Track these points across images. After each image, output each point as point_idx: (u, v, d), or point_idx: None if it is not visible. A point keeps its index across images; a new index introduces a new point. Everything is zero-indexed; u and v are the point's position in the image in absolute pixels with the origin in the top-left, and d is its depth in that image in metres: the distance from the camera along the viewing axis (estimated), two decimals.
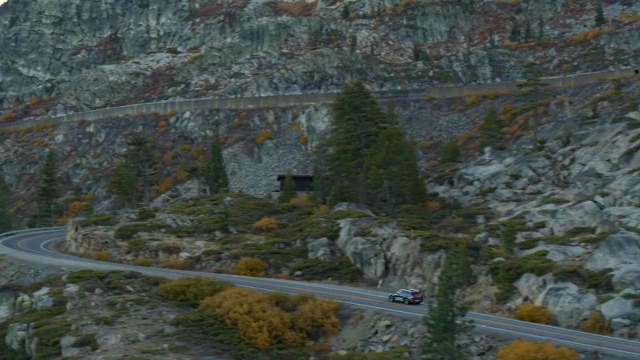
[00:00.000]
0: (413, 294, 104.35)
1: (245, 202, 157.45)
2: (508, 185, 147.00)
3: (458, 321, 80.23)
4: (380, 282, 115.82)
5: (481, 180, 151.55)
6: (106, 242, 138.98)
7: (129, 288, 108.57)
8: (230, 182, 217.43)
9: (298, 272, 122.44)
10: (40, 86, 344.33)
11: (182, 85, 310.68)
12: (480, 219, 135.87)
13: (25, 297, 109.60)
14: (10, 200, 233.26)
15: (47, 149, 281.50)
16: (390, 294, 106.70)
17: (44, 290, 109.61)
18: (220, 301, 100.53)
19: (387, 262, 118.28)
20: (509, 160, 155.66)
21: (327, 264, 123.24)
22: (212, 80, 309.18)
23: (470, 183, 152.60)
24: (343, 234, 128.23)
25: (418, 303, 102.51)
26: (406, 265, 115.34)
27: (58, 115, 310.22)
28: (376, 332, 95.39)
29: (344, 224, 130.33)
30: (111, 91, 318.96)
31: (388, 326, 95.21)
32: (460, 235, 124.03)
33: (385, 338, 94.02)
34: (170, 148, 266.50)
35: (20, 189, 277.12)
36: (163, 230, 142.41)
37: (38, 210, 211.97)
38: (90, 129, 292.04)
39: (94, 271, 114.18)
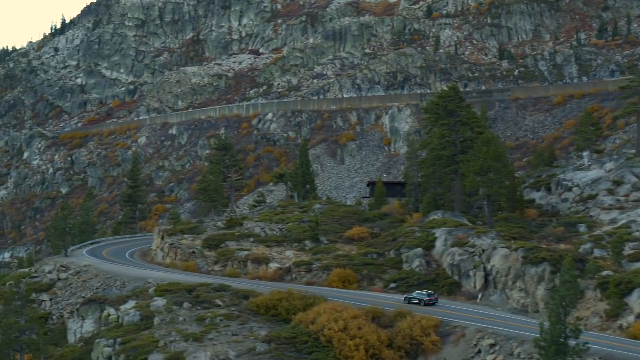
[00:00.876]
0: (429, 295, 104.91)
1: (335, 210, 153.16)
2: (610, 192, 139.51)
3: (571, 343, 75.34)
4: (480, 295, 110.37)
5: (581, 186, 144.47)
6: (193, 253, 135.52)
7: (219, 302, 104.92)
8: None
9: (393, 285, 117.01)
10: (123, 89, 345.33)
11: (265, 87, 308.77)
12: (582, 228, 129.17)
13: (112, 311, 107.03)
14: (94, 204, 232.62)
15: (130, 152, 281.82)
16: (405, 295, 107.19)
17: (131, 304, 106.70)
18: (314, 317, 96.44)
19: (487, 275, 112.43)
20: (610, 165, 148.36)
21: (423, 276, 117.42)
22: (294, 81, 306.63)
23: (570, 189, 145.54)
24: (439, 244, 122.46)
25: (434, 304, 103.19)
26: (507, 279, 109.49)
27: (141, 118, 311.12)
28: (479, 352, 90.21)
29: (439, 233, 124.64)
30: (193, 93, 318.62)
31: (492, 345, 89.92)
32: (563, 246, 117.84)
33: (489, 358, 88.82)
34: (253, 150, 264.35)
35: (104, 192, 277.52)
36: (251, 239, 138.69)
37: (123, 216, 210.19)
38: (173, 131, 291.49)
39: (182, 284, 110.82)
